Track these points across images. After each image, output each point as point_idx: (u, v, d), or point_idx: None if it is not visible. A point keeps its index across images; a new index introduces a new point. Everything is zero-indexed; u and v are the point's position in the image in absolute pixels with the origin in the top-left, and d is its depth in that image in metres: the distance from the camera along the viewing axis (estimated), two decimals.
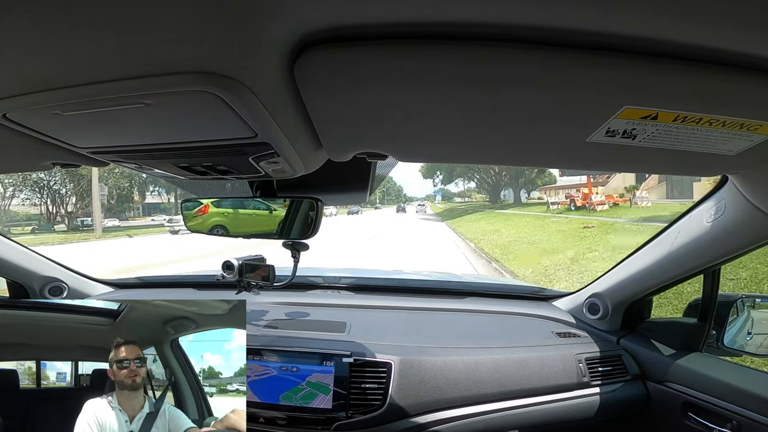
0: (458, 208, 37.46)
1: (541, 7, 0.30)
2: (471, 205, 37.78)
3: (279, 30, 0.33)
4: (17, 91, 0.39)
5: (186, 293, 1.50)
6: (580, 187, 28.96)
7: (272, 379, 0.96)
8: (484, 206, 30.89)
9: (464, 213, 26.76)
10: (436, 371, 0.99)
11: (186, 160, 0.61)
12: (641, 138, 0.47)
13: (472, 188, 50.02)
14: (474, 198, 50.95)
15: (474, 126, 0.49)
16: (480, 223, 18.36)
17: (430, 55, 0.36)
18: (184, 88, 0.37)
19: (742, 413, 0.86)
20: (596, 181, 26.18)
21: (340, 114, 0.48)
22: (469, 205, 38.79)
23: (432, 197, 67.30)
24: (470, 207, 34.16)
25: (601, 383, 1.07)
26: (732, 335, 1.02)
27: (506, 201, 31.48)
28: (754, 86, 0.39)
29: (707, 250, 0.90)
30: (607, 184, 23.51)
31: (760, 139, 0.48)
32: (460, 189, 55.41)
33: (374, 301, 1.40)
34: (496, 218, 19.14)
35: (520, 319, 1.33)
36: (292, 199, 0.89)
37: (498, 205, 28.91)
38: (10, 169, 0.77)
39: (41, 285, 1.34)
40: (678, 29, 0.32)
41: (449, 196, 64.40)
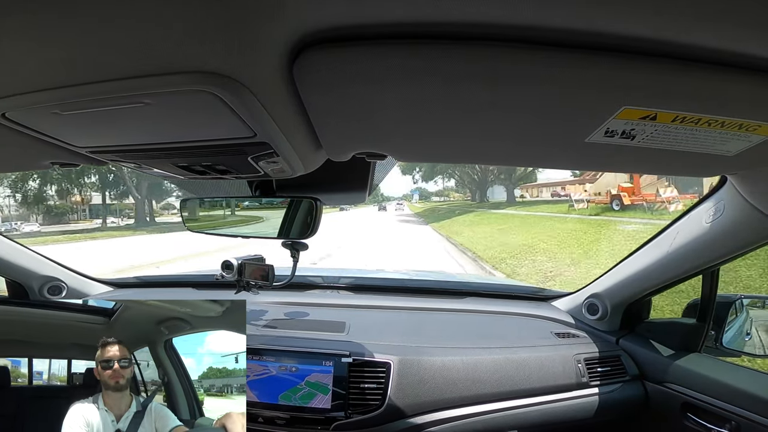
0: (441, 207, 34.12)
1: (541, 7, 0.30)
2: (454, 204, 34.26)
3: (278, 30, 0.33)
4: (16, 90, 0.39)
5: (185, 293, 1.50)
6: (564, 184, 27.50)
7: (271, 379, 0.96)
8: (469, 205, 27.39)
9: (450, 214, 22.58)
10: (435, 371, 0.99)
11: (185, 160, 0.61)
12: (640, 138, 0.48)
13: (450, 187, 46.57)
14: (452, 197, 48.41)
15: (473, 126, 0.49)
16: (481, 227, 13.37)
17: (430, 56, 0.36)
18: (183, 87, 0.37)
19: (741, 414, 0.87)
20: (583, 178, 24.26)
21: (339, 114, 0.48)
22: (451, 205, 35.48)
23: (409, 196, 64.53)
24: (454, 206, 30.07)
25: (600, 383, 1.07)
26: (731, 336, 1.02)
27: (495, 200, 29.32)
28: (753, 87, 0.39)
29: (706, 251, 0.90)
30: (596, 181, 20.65)
31: (759, 140, 0.48)
32: (439, 188, 51.81)
33: (373, 301, 1.40)
34: (497, 220, 14.82)
35: (519, 319, 1.33)
36: (292, 198, 0.89)
37: (487, 204, 26.25)
38: (9, 168, 0.77)
39: (40, 284, 1.34)
40: (677, 29, 0.32)
41: (426, 195, 61.81)
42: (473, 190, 32.70)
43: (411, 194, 63.52)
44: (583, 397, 1.05)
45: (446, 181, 41.60)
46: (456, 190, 46.17)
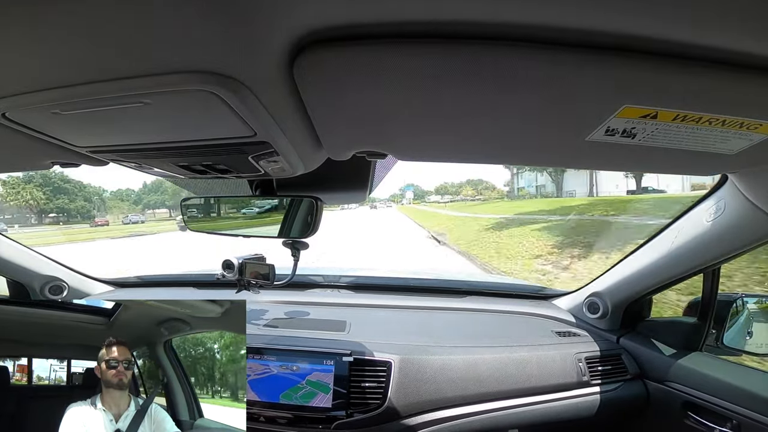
0: (469, 208, 22.31)
1: (542, 6, 0.30)
2: (495, 205, 22.27)
3: (278, 29, 0.33)
4: (16, 90, 0.39)
5: (186, 292, 1.50)
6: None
7: (272, 378, 0.96)
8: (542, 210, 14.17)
9: (514, 224, 11.33)
10: (436, 370, 0.99)
11: (185, 159, 0.61)
12: (641, 137, 0.47)
13: (461, 183, 39.29)
14: (464, 193, 38.25)
15: (473, 124, 0.49)
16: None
17: (430, 54, 0.36)
18: (183, 87, 0.37)
19: (742, 413, 0.87)
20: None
21: (340, 113, 0.47)
22: (486, 202, 24.46)
23: (398, 196, 51.05)
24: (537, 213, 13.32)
25: (600, 382, 1.07)
26: (732, 334, 1.02)
27: (547, 194, 22.25)
28: (754, 85, 0.39)
29: (707, 250, 0.90)
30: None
31: (760, 138, 0.48)
32: (439, 183, 42.94)
33: (374, 300, 1.40)
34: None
35: (520, 318, 1.33)
36: (292, 198, 0.89)
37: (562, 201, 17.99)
38: (9, 168, 0.77)
39: (41, 284, 1.34)
40: (678, 28, 0.32)
41: (420, 194, 50.91)
42: (557, 181, 24.92)
43: (402, 192, 50.99)
44: (584, 396, 1.05)
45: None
46: (477, 185, 38.10)
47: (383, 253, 8.87)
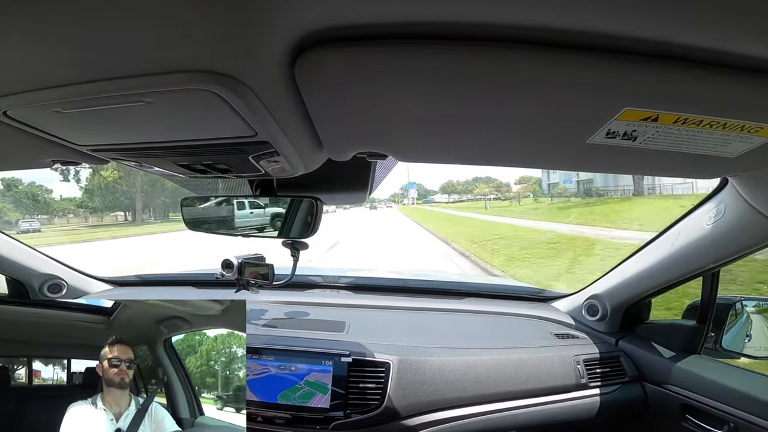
0: (495, 210, 19.02)
1: (543, 8, 0.30)
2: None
3: (280, 29, 0.33)
4: (18, 88, 0.39)
5: (185, 292, 1.50)
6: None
7: (270, 378, 0.96)
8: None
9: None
10: (435, 371, 0.99)
11: (186, 159, 0.61)
12: (641, 139, 0.47)
13: (467, 180, 34.28)
14: (478, 192, 34.02)
15: (474, 126, 0.49)
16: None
17: (431, 56, 0.36)
18: (184, 86, 0.37)
19: (740, 416, 0.86)
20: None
21: (340, 113, 0.47)
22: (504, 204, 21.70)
23: (400, 195, 46.34)
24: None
25: (599, 385, 1.07)
26: (731, 338, 1.02)
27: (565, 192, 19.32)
28: (756, 89, 0.39)
29: (707, 253, 0.90)
30: None
31: (761, 142, 0.48)
32: (445, 181, 38.14)
33: (373, 301, 1.40)
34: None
35: (519, 320, 1.32)
36: (292, 198, 0.89)
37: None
38: (10, 166, 0.77)
39: (40, 282, 1.34)
40: (680, 31, 0.32)
41: (423, 193, 46.00)
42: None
43: (405, 191, 46.41)
44: (583, 398, 1.05)
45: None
46: (487, 183, 32.30)
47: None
